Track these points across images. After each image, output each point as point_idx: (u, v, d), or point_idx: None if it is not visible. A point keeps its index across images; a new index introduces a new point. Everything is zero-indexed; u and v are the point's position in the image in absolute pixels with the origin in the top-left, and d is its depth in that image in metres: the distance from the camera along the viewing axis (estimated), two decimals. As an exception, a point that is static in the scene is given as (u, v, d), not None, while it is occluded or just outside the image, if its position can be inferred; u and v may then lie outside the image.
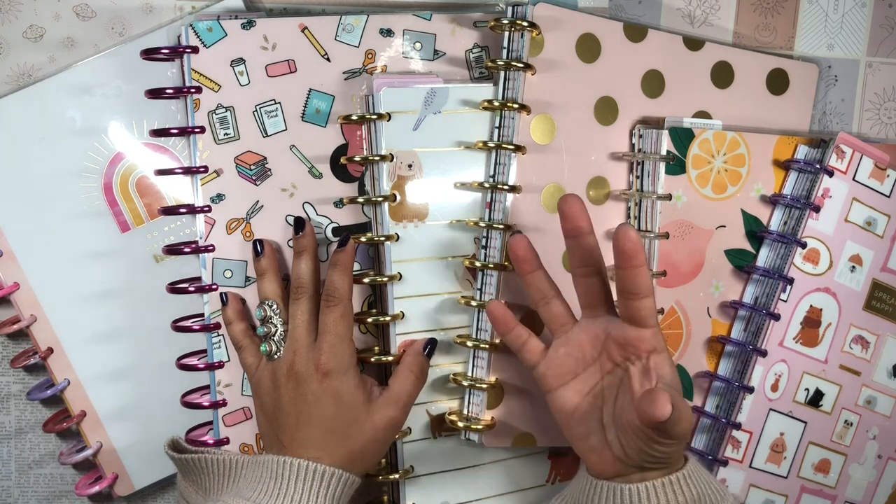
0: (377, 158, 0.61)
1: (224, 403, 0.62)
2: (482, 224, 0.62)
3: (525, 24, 0.61)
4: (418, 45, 0.63)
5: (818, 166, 0.68)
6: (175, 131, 0.60)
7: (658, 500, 0.52)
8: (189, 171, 0.61)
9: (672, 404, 0.49)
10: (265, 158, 0.61)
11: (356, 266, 0.62)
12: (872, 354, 0.73)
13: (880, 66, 0.74)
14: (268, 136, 0.61)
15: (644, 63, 0.66)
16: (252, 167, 0.61)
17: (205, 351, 0.63)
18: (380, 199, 0.61)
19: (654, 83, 0.66)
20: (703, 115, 0.68)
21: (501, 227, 0.61)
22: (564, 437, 0.58)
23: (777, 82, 0.70)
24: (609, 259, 0.55)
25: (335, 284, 0.58)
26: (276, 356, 0.58)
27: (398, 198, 0.61)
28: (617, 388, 0.55)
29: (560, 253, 0.64)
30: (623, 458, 0.53)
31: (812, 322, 0.70)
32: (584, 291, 0.57)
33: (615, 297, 0.56)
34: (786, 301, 0.68)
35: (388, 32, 0.63)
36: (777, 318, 0.68)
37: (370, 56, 0.63)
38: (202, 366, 0.62)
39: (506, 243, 0.61)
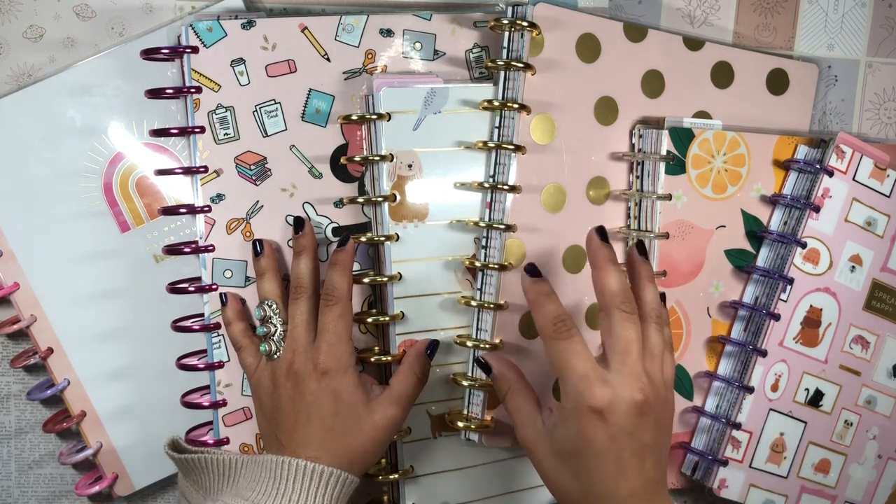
0: (377, 158, 0.61)
1: (224, 403, 0.62)
2: (482, 224, 0.62)
3: (525, 24, 0.60)
4: (418, 45, 0.63)
5: (818, 166, 0.68)
6: (175, 131, 0.60)
7: None
8: (189, 171, 0.61)
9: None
10: (265, 158, 0.61)
11: (356, 266, 0.62)
12: (872, 354, 0.73)
13: (880, 66, 0.73)
14: (268, 136, 0.61)
15: (644, 63, 0.66)
16: (252, 167, 0.61)
17: (205, 351, 0.63)
18: (380, 199, 0.61)
19: (654, 83, 0.66)
20: (703, 115, 0.68)
21: (501, 227, 0.61)
22: None
23: (777, 82, 0.70)
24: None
25: (334, 284, 0.58)
26: (275, 356, 0.58)
27: (398, 198, 0.61)
28: None
29: (560, 253, 0.64)
30: None
31: (812, 322, 0.70)
32: None
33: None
34: (786, 301, 0.68)
35: (388, 32, 0.63)
36: (777, 318, 0.68)
37: (370, 56, 0.63)
38: (202, 366, 0.62)
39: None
